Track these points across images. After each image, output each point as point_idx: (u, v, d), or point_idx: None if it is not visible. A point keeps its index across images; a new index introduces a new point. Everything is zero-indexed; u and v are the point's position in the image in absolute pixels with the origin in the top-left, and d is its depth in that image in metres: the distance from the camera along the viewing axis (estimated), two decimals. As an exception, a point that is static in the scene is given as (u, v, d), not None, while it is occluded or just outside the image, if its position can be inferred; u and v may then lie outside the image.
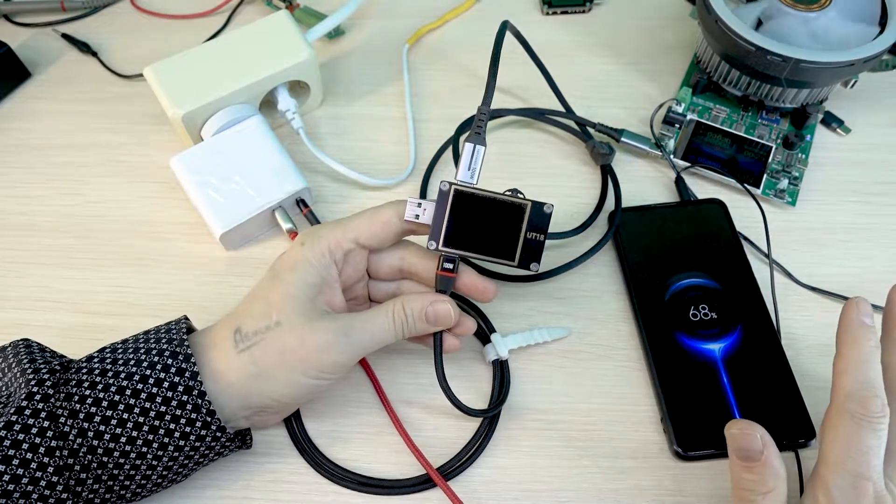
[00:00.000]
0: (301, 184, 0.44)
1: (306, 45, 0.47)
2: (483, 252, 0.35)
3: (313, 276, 0.34)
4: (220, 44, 0.47)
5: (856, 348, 0.32)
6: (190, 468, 0.34)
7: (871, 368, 0.31)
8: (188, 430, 0.32)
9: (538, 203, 0.35)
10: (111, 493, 0.32)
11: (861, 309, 0.33)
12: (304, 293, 0.34)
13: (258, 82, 0.46)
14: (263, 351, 0.33)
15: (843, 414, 0.30)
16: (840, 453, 0.30)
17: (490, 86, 0.36)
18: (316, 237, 0.35)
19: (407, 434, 0.38)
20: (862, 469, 0.29)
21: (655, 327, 0.41)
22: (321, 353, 0.33)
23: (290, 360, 0.33)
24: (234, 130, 0.45)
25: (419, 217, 0.35)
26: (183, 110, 0.44)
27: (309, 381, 0.33)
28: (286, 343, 0.33)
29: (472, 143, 0.35)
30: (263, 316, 0.33)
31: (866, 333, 0.32)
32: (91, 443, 0.31)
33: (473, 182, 0.35)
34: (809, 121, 0.48)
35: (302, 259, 0.34)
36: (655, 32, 0.56)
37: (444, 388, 0.35)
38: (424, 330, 0.35)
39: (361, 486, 0.37)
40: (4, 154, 0.50)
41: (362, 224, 0.35)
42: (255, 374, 0.33)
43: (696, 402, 0.38)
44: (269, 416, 0.36)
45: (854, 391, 0.31)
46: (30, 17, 0.57)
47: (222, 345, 0.33)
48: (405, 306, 0.34)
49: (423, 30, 0.56)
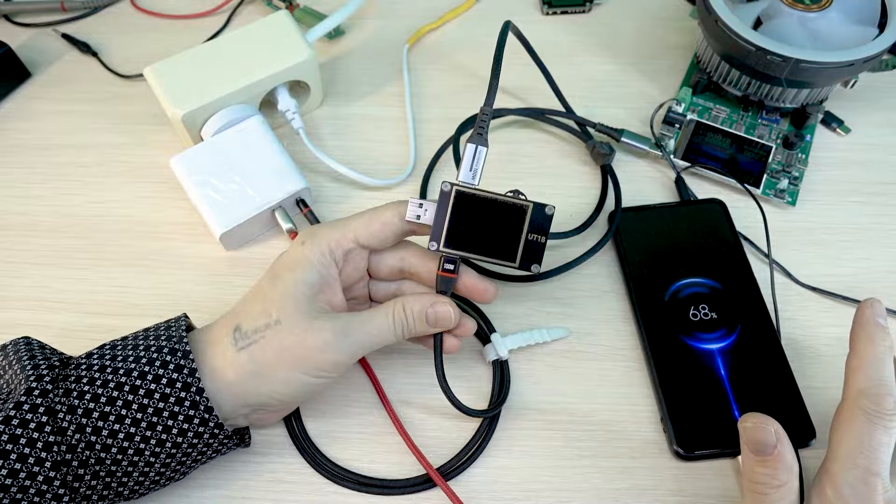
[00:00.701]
0: (301, 184, 0.44)
1: (306, 45, 0.47)
2: (484, 253, 0.35)
3: (313, 276, 0.34)
4: (221, 44, 0.47)
5: (871, 346, 0.32)
6: (188, 465, 0.34)
7: (886, 367, 0.31)
8: (186, 426, 0.32)
9: (539, 204, 0.35)
10: (108, 490, 0.32)
11: (876, 309, 0.33)
12: (303, 293, 0.34)
13: (258, 82, 0.46)
14: (262, 349, 0.33)
15: (855, 410, 0.30)
16: (851, 449, 0.30)
17: (493, 86, 0.36)
18: (316, 237, 0.35)
19: (407, 434, 0.38)
20: (873, 465, 0.29)
21: (655, 327, 0.41)
22: (320, 351, 0.33)
23: (288, 358, 0.33)
24: (234, 130, 0.45)
25: (420, 218, 0.35)
26: (183, 110, 0.44)
27: (307, 380, 0.33)
28: (285, 341, 0.33)
29: (474, 144, 0.35)
30: (263, 314, 0.33)
31: (881, 333, 0.32)
32: (89, 438, 0.31)
33: (475, 183, 0.35)
34: (809, 121, 0.48)
35: (302, 258, 0.34)
36: (655, 32, 0.56)
37: (444, 389, 0.35)
38: (424, 331, 0.35)
39: (361, 486, 0.37)
40: (4, 154, 0.50)
41: (362, 224, 0.35)
42: (253, 371, 0.33)
43: (696, 402, 0.38)
44: (268, 414, 0.36)
45: (868, 388, 0.31)
46: (30, 17, 0.57)
47: (221, 342, 0.33)
48: (405, 307, 0.34)
49: (423, 29, 0.56)
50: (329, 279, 0.35)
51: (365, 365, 0.40)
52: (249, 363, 0.33)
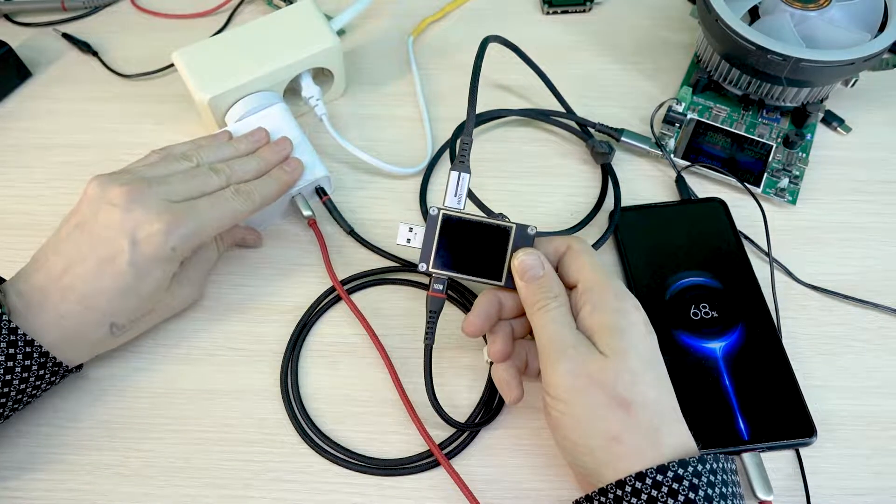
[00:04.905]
0: (322, 172, 0.44)
1: (331, 32, 0.48)
2: (471, 273, 0.36)
3: (174, 267, 0.38)
4: (247, 30, 0.47)
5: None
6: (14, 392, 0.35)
7: None
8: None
9: (522, 226, 0.36)
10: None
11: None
12: (166, 281, 0.38)
13: (284, 68, 0.46)
14: (137, 328, 0.39)
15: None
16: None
17: (470, 115, 0.37)
18: (180, 239, 0.37)
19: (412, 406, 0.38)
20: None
21: (656, 326, 0.40)
22: (181, 304, 0.41)
23: (158, 319, 0.40)
24: (257, 117, 0.45)
25: (410, 241, 0.37)
26: (209, 94, 0.44)
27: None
28: (159, 316, 0.40)
29: (457, 172, 0.37)
30: (138, 310, 0.38)
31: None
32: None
33: (460, 207, 0.37)
34: (810, 120, 0.48)
35: (165, 257, 0.37)
36: (656, 32, 0.56)
37: (431, 401, 0.37)
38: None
39: (364, 468, 0.37)
40: (4, 154, 0.50)
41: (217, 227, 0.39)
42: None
43: (696, 401, 0.38)
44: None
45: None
46: (30, 16, 0.57)
47: (82, 331, 0.36)
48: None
49: (426, 20, 0.56)
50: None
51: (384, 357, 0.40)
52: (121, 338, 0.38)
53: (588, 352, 0.32)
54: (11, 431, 0.38)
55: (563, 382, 0.31)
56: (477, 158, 0.49)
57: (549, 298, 0.33)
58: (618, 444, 0.30)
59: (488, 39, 0.40)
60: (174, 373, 0.41)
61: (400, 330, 0.42)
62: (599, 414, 0.31)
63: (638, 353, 0.32)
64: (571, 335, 0.32)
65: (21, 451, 0.38)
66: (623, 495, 0.29)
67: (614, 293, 0.33)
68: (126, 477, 0.37)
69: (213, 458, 0.38)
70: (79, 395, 0.40)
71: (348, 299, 0.42)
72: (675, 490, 0.29)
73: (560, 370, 0.31)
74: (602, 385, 0.31)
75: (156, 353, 0.41)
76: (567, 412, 0.31)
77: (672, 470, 0.29)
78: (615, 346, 0.32)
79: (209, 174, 0.39)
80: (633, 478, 0.29)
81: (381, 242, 0.45)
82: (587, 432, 0.31)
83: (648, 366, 0.32)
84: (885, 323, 0.42)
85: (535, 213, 0.47)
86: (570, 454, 0.32)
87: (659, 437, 0.31)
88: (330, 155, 0.49)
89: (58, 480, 0.37)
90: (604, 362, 0.31)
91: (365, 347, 0.41)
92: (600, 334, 0.32)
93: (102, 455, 0.38)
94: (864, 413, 0.39)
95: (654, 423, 0.31)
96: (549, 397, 0.32)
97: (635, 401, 0.31)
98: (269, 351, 0.41)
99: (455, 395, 0.40)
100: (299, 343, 0.41)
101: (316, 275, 0.44)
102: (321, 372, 0.41)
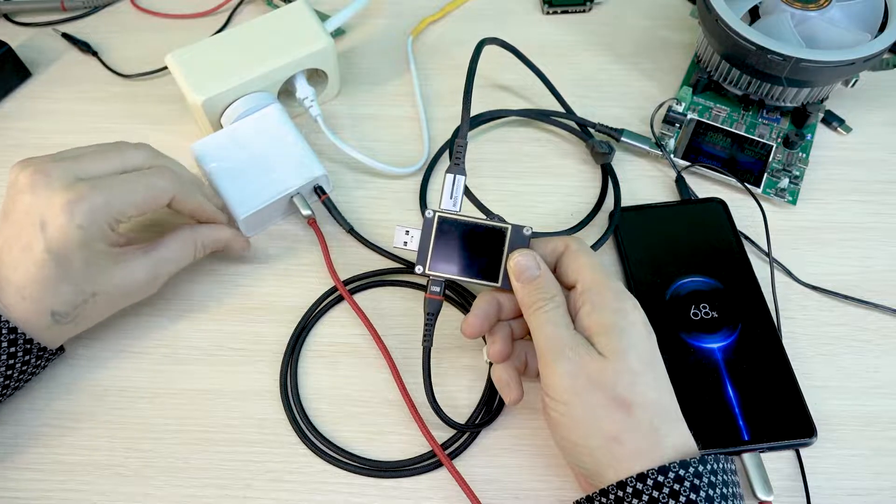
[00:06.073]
0: (319, 170, 0.44)
1: (325, 33, 0.48)
2: (468, 275, 0.36)
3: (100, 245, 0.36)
4: (241, 31, 0.47)
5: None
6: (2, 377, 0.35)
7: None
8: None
9: (518, 226, 0.36)
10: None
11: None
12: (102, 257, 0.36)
13: (279, 68, 0.46)
14: (86, 318, 0.38)
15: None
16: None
17: (464, 118, 0.37)
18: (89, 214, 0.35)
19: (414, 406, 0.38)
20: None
21: (656, 326, 0.40)
22: (137, 292, 0.39)
23: (109, 310, 0.39)
24: (253, 118, 0.45)
25: (407, 244, 0.37)
26: (203, 96, 0.44)
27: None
28: (105, 306, 0.38)
29: (452, 174, 0.37)
30: (78, 293, 0.36)
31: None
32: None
33: (456, 209, 0.37)
34: (810, 120, 0.48)
35: (79, 237, 0.35)
36: (655, 32, 0.56)
37: (431, 403, 0.37)
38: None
39: (364, 469, 0.37)
40: (4, 154, 0.49)
41: (132, 203, 0.37)
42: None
43: (697, 401, 0.38)
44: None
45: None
46: (30, 16, 0.57)
47: (30, 323, 0.36)
48: (197, 238, 0.40)
49: (426, 20, 0.56)
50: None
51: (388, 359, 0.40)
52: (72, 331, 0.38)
53: (586, 352, 0.32)
54: (10, 432, 0.39)
55: (562, 383, 0.31)
56: (477, 159, 0.49)
57: (546, 299, 0.33)
58: (618, 445, 0.30)
59: (484, 42, 0.40)
60: (174, 373, 0.41)
61: (400, 330, 0.42)
62: (599, 415, 0.31)
63: (637, 353, 0.32)
64: (569, 336, 0.32)
65: (21, 452, 0.38)
66: (624, 496, 0.29)
67: (613, 293, 0.33)
68: (125, 477, 0.37)
69: (212, 458, 0.38)
70: (79, 395, 0.40)
71: (350, 299, 0.42)
72: (677, 491, 0.29)
73: (559, 371, 0.31)
74: (602, 386, 0.31)
75: (156, 353, 0.41)
76: (567, 413, 0.31)
77: (673, 471, 0.29)
78: (614, 346, 0.31)
79: (129, 149, 0.38)
80: (635, 479, 0.29)
81: (380, 242, 0.45)
82: (587, 433, 0.31)
83: (648, 366, 0.32)
84: (885, 323, 0.42)
85: (534, 213, 0.47)
86: (570, 455, 0.32)
87: (659, 437, 0.31)
88: (328, 155, 0.49)
89: (57, 481, 0.37)
90: (603, 363, 0.31)
91: (365, 348, 0.41)
92: (599, 334, 0.32)
93: (102, 455, 0.38)
94: (863, 413, 0.39)
95: (655, 424, 0.31)
96: (548, 398, 0.32)
97: (635, 401, 0.31)
98: (269, 351, 0.41)
99: (455, 396, 0.40)
100: (299, 343, 0.41)
101: (316, 275, 0.44)
102: (321, 372, 0.41)
